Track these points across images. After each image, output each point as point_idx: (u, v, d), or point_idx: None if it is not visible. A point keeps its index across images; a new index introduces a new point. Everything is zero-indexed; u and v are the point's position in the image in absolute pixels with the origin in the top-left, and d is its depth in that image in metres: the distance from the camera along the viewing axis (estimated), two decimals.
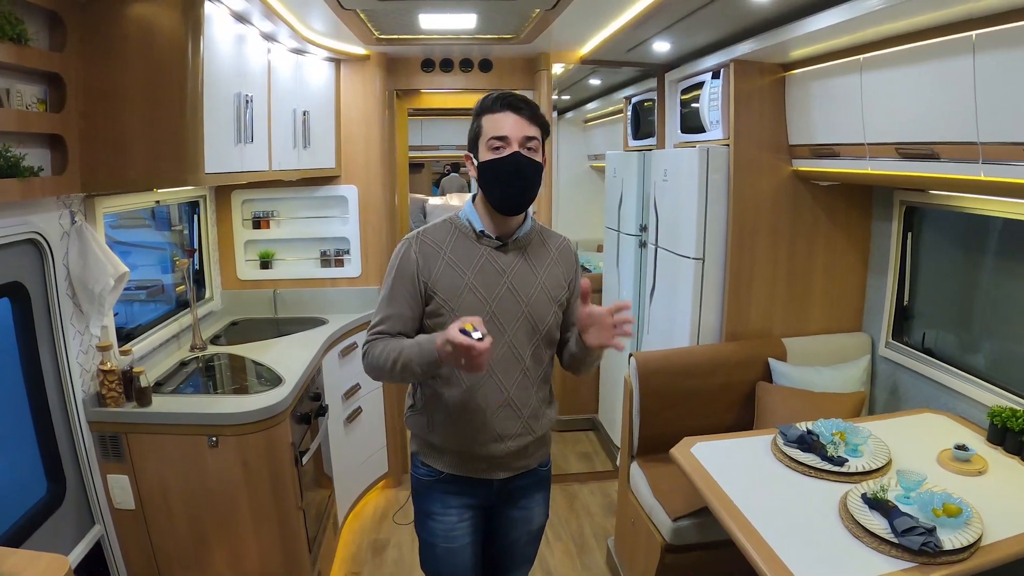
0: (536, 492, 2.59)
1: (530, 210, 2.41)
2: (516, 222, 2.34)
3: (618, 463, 4.63)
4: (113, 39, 2.80)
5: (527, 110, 2.23)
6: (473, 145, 2.30)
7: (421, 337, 2.20)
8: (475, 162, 2.29)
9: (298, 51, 4.23)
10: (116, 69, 2.81)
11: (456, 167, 10.97)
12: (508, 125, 2.20)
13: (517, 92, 2.27)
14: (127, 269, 3.06)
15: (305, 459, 3.46)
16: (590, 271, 6.07)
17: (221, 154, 3.21)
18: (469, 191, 10.32)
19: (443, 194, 9.67)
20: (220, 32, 3.13)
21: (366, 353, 2.35)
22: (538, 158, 2.24)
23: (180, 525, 3.19)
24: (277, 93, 3.94)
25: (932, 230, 3.49)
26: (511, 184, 2.22)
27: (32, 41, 2.50)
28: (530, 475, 2.53)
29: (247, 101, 3.45)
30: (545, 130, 2.28)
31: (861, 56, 2.94)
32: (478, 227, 2.32)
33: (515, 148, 2.19)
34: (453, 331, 1.98)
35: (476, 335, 1.95)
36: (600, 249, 6.49)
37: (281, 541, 3.28)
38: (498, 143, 2.20)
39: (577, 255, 2.55)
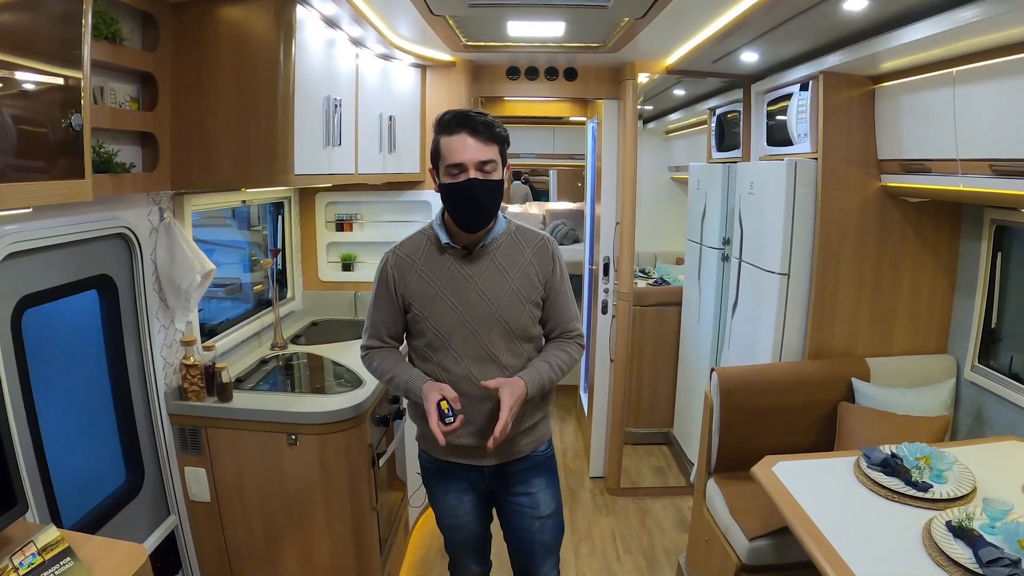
0: (536, 476, 2.71)
1: (502, 214, 2.57)
2: (482, 231, 2.49)
3: (692, 479, 4.57)
4: (205, 40, 2.87)
5: (484, 131, 2.34)
6: (434, 160, 2.45)
7: (412, 376, 2.50)
8: (436, 180, 2.45)
9: (385, 56, 4.27)
10: (208, 70, 2.88)
11: (517, 175, 10.88)
12: (463, 151, 2.32)
13: (472, 110, 2.40)
14: (214, 267, 3.12)
15: (381, 461, 3.49)
16: (669, 283, 5.99)
17: (310, 156, 3.25)
18: (533, 199, 10.28)
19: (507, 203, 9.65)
20: (311, 36, 3.17)
21: (365, 358, 2.68)
22: (496, 176, 2.39)
23: (254, 520, 3.24)
24: (364, 98, 3.97)
25: (1023, 250, 3.36)
26: (468, 208, 2.40)
27: (126, 41, 2.58)
28: (525, 460, 2.68)
29: (336, 105, 3.49)
30: (504, 145, 2.42)
31: (954, 69, 2.83)
32: (443, 239, 2.49)
33: (471, 174, 2.33)
34: (431, 407, 2.32)
35: (448, 419, 2.30)
36: (679, 262, 6.42)
37: (354, 541, 3.31)
38: (455, 169, 2.34)
39: (555, 253, 2.62)
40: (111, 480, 2.86)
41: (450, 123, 2.35)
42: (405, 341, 2.71)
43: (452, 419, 2.29)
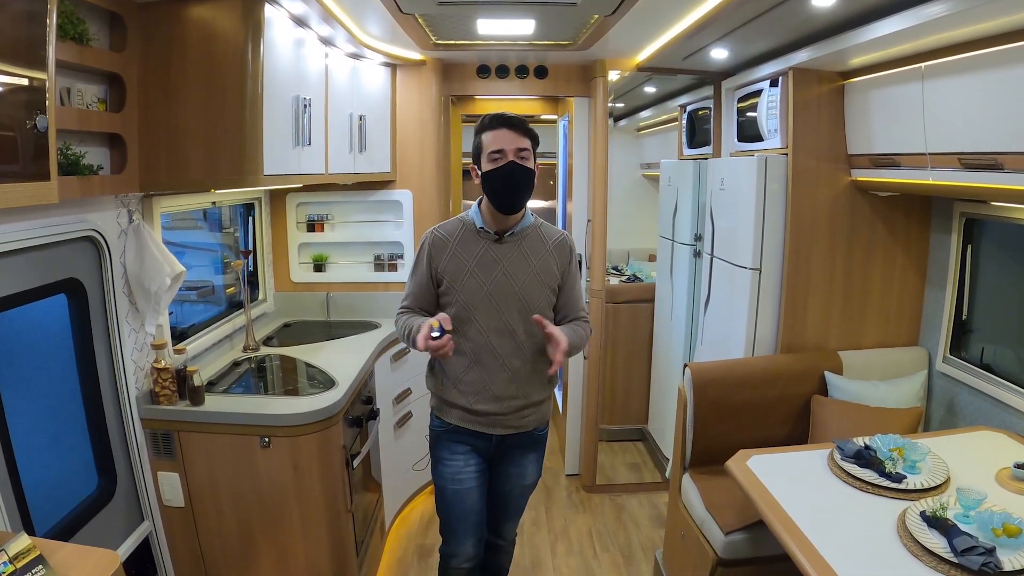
0: (531, 452, 3.06)
1: (529, 209, 2.92)
2: (514, 220, 2.84)
3: (668, 474, 4.58)
4: (173, 40, 2.84)
5: (519, 126, 2.72)
6: (476, 158, 2.79)
7: (424, 320, 2.73)
8: (479, 172, 2.77)
9: (355, 56, 4.25)
10: (176, 70, 2.85)
11: None
12: (503, 139, 2.69)
13: (508, 113, 2.75)
14: (183, 269, 3.09)
15: (356, 462, 3.47)
16: (641, 280, 6.01)
17: (279, 156, 3.24)
18: None
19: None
20: (279, 35, 3.16)
21: (396, 321, 2.97)
22: (529, 165, 2.73)
23: (228, 524, 3.21)
24: (334, 97, 3.96)
25: (992, 243, 3.40)
26: (507, 188, 2.72)
27: (93, 41, 2.55)
28: (526, 436, 2.99)
29: (305, 105, 3.47)
30: (535, 141, 2.77)
31: (923, 64, 2.86)
32: (479, 224, 2.83)
33: (510, 158, 2.68)
34: (423, 333, 2.58)
35: (435, 333, 2.56)
36: (652, 259, 6.43)
37: (329, 544, 3.28)
38: (496, 155, 2.69)
39: (573, 249, 2.99)
40: (83, 486, 2.82)
41: (492, 122, 2.72)
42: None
43: (439, 335, 2.55)
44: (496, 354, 2.81)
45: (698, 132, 5.07)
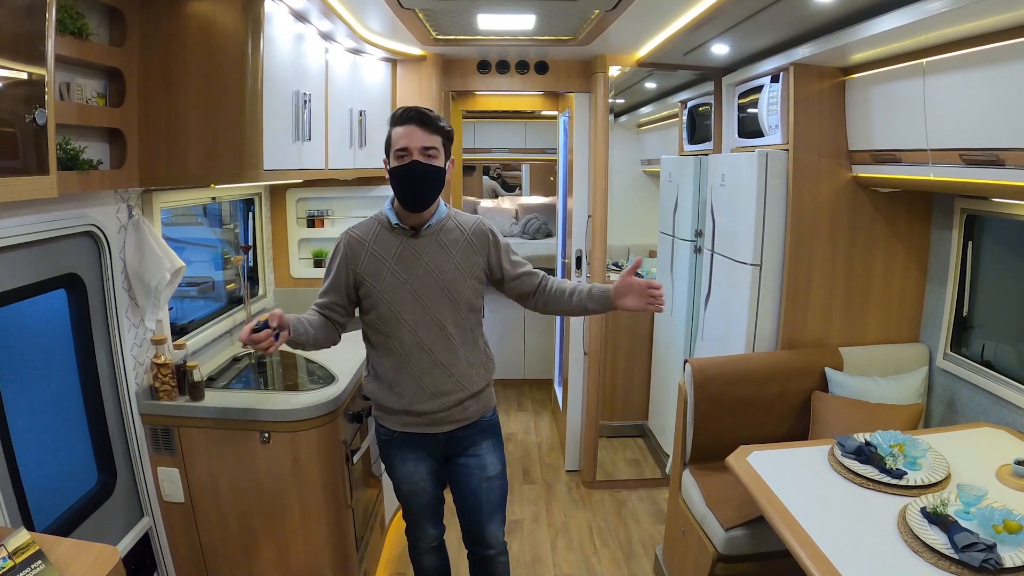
0: (484, 440, 2.98)
1: (442, 201, 2.85)
2: (427, 214, 2.79)
3: (668, 470, 4.58)
4: (173, 35, 2.83)
5: (429, 123, 2.66)
6: (387, 150, 2.75)
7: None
8: (387, 167, 2.75)
9: (355, 51, 4.25)
10: (176, 65, 2.85)
11: (486, 170, 10.77)
12: (410, 137, 2.63)
13: (422, 107, 2.70)
14: (183, 264, 3.09)
15: (356, 458, 3.47)
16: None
17: (279, 151, 3.24)
18: (503, 193, 10.27)
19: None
20: (279, 30, 3.15)
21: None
22: (437, 163, 2.69)
23: (228, 519, 3.21)
24: (334, 92, 3.96)
25: (994, 239, 3.39)
26: (412, 187, 2.69)
27: (93, 36, 2.54)
28: (474, 426, 2.94)
29: (305, 100, 3.47)
30: (447, 137, 2.73)
31: (924, 60, 2.85)
32: (393, 221, 2.78)
33: (415, 157, 2.63)
34: (249, 324, 2.47)
35: (257, 328, 2.44)
36: (652, 255, 6.43)
37: (329, 539, 3.29)
38: (402, 153, 2.65)
39: (490, 228, 2.94)
40: (83, 482, 2.81)
41: (401, 116, 2.67)
42: (359, 318, 2.91)
43: (260, 330, 2.44)
44: (427, 351, 2.77)
45: (699, 128, 5.06)
